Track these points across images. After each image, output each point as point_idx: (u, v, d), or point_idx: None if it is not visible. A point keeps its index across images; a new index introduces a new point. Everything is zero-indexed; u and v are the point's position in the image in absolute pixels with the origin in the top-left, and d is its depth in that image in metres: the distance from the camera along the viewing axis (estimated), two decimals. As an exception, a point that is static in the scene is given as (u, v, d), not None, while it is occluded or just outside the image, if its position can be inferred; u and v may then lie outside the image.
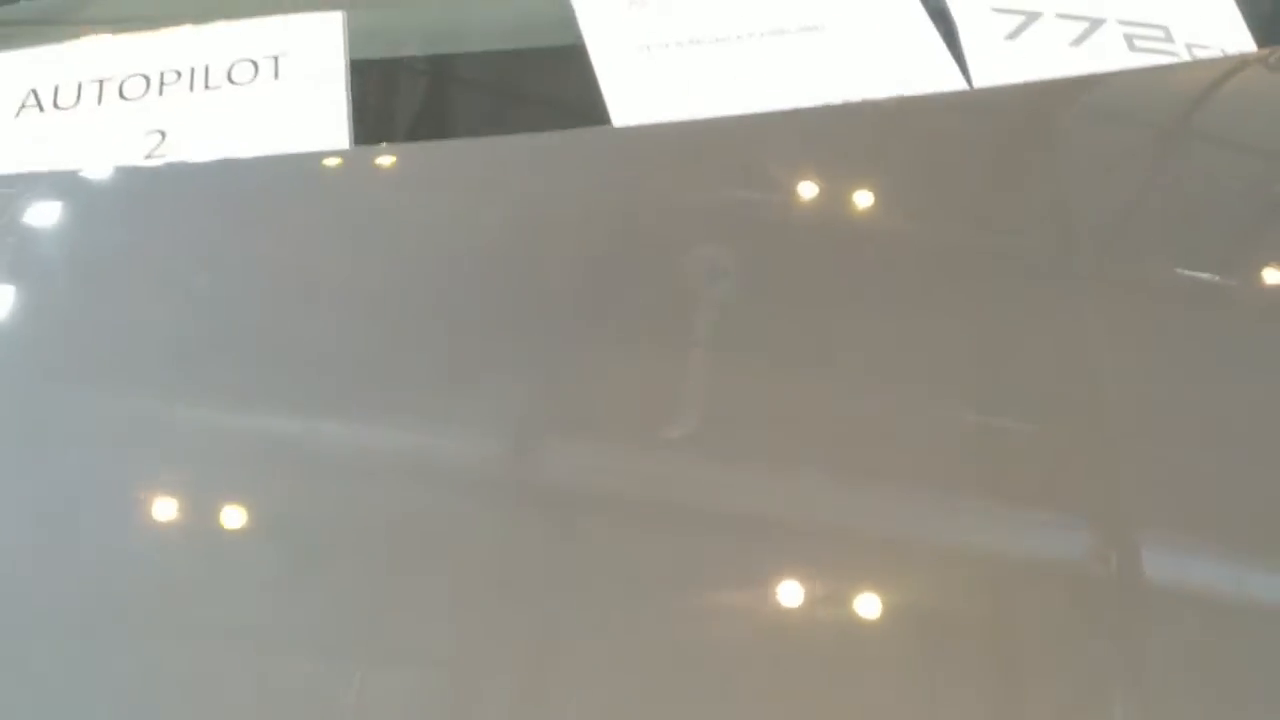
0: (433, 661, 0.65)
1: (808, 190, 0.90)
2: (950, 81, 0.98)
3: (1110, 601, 0.68)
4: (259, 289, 0.84)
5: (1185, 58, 1.02)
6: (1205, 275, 0.85)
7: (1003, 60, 1.00)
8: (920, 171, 0.90)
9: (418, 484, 0.73)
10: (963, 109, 0.98)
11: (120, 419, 0.78)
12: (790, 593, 0.67)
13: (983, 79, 0.99)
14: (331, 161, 0.92)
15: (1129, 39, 1.03)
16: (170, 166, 0.91)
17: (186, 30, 1.01)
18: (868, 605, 0.67)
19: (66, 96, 0.98)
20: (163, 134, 0.96)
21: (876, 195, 0.89)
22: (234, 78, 0.98)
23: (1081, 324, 0.79)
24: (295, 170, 0.91)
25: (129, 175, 0.92)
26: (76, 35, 1.06)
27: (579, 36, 1.00)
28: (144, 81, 0.99)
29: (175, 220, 0.88)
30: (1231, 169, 0.92)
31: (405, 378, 0.78)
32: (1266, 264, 0.84)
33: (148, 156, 0.95)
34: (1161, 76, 1.00)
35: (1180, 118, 0.96)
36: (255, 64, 0.99)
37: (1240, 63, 1.00)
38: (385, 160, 0.92)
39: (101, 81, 0.99)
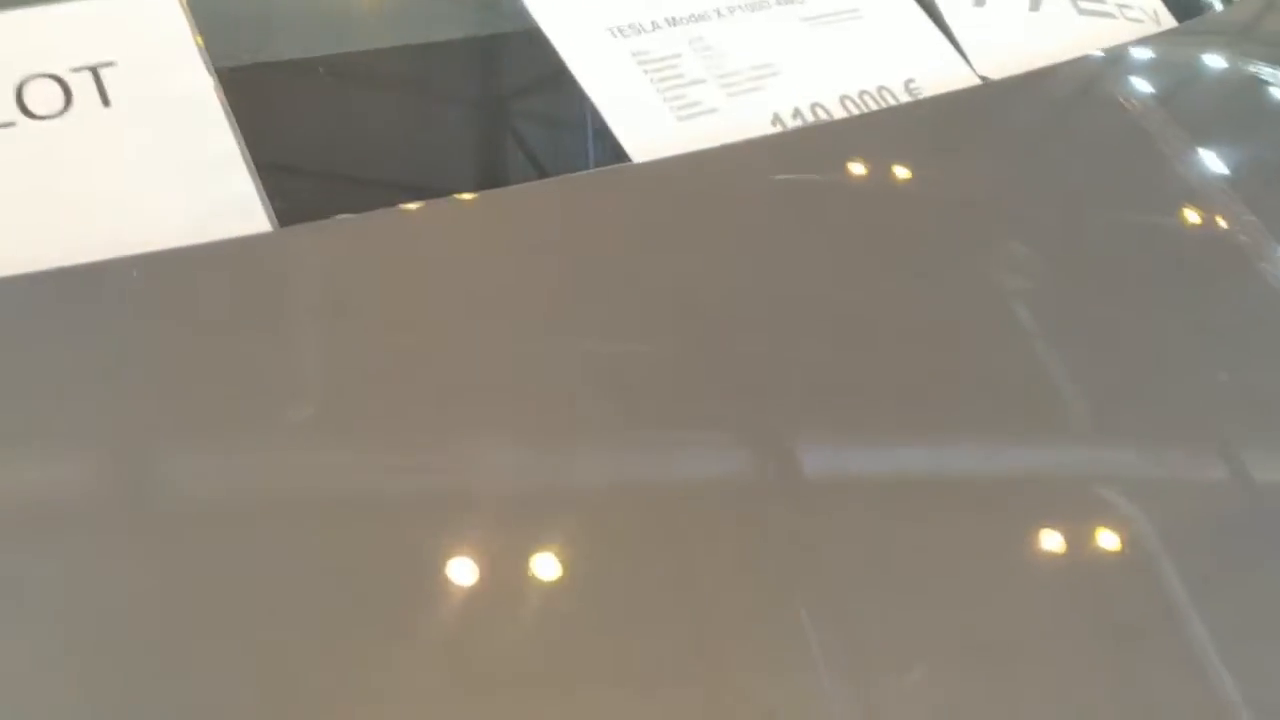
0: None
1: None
2: (935, 44, 0.83)
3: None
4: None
5: (1119, 19, 0.92)
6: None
7: (978, 26, 0.86)
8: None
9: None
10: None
11: None
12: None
13: (967, 42, 0.84)
14: (272, 248, 0.57)
15: (1073, 1, 0.91)
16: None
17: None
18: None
19: None
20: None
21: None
22: (30, 107, 0.59)
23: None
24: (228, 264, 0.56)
25: None
26: None
27: (524, 19, 0.70)
28: None
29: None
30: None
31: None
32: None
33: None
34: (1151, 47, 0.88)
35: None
36: (62, 83, 0.60)
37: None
38: (364, 232, 0.59)
39: None
